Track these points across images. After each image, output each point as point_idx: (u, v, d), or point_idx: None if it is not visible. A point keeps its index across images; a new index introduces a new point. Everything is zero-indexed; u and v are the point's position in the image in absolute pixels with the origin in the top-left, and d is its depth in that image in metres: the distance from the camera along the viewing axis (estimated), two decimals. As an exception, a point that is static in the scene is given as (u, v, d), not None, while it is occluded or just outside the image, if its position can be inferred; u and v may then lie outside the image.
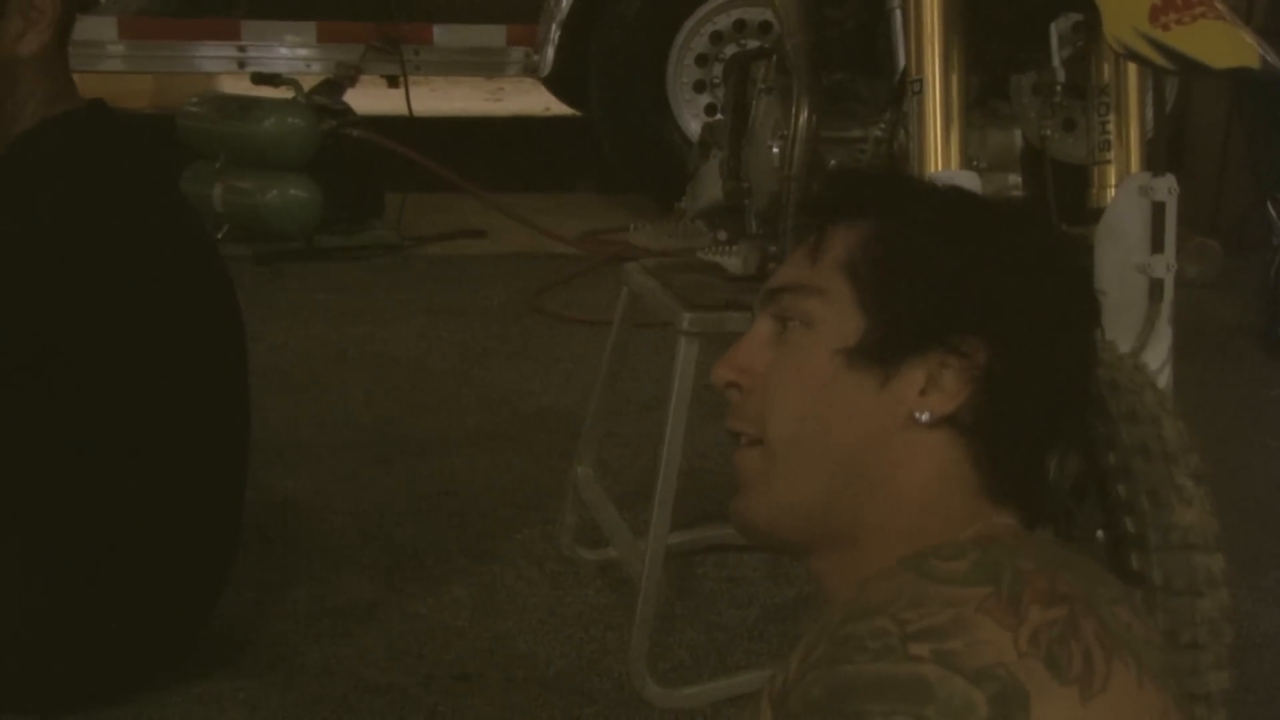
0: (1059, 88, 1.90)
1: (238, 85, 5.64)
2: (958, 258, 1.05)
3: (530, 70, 5.85)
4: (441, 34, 5.75)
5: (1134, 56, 1.58)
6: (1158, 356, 1.73)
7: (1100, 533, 1.64)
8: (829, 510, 1.04)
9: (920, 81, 1.82)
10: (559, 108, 7.11)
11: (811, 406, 1.04)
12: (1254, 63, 1.52)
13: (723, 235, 2.42)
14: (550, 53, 5.70)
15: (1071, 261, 1.11)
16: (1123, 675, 0.90)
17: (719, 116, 4.55)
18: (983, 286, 1.05)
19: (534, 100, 7.81)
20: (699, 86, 5.61)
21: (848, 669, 0.89)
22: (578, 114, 6.58)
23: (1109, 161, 1.81)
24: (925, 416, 1.04)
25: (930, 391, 1.04)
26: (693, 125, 5.53)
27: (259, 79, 5.13)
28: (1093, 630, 0.90)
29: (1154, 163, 1.80)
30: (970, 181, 1.69)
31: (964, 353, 1.04)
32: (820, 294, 1.06)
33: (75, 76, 2.08)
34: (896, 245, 1.05)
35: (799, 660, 0.96)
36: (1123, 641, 0.91)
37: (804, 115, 2.13)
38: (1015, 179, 2.05)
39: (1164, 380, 1.72)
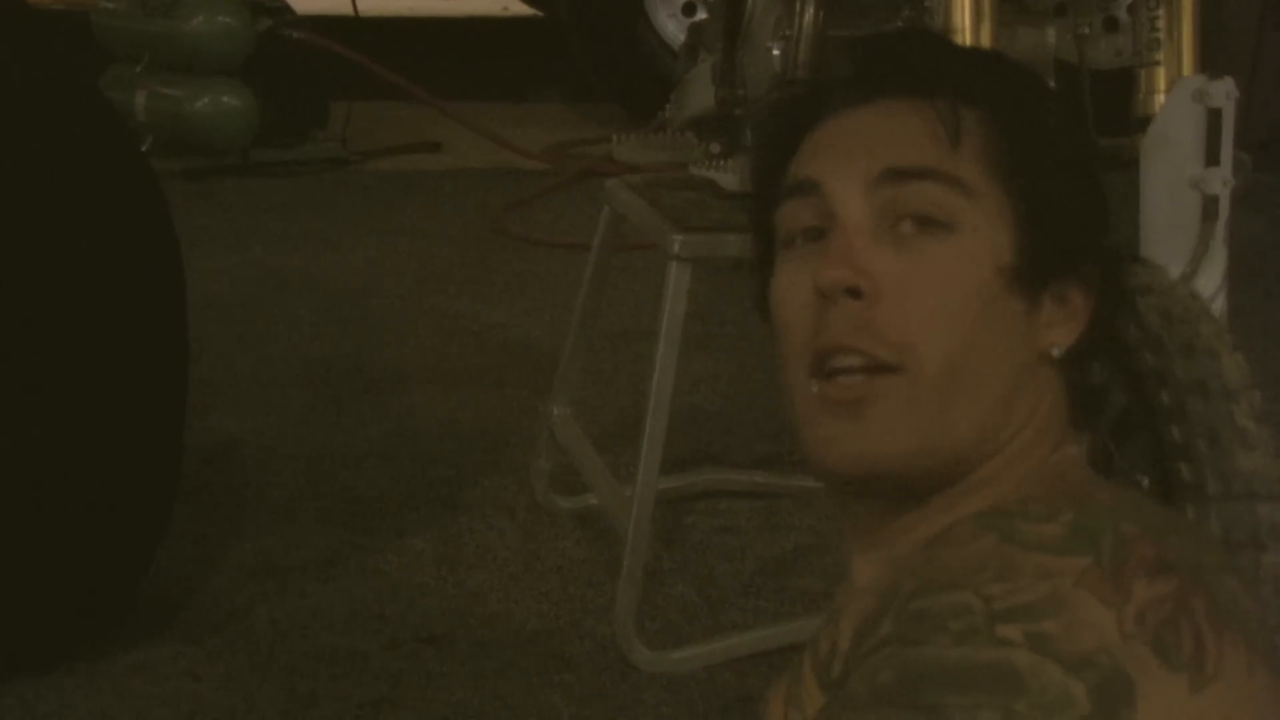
0: (1101, -19, 1.86)
1: (162, -20, 5.52)
2: (1090, 164, 1.01)
3: (487, -36, 5.76)
4: (389, -77, 5.66)
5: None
6: (1211, 282, 1.70)
7: (1145, 480, 1.62)
8: (973, 455, 0.98)
9: (946, -28, 1.77)
10: (519, 7, 7.01)
11: (974, 332, 0.96)
12: None
13: (716, 148, 2.38)
14: (509, -56, 5.62)
15: None
16: (1234, 658, 0.86)
17: (699, 16, 4.48)
18: (1102, 200, 1.01)
19: (491, -1, 7.71)
20: (676, -17, 5.53)
21: (924, 652, 0.84)
22: (540, 14, 6.50)
23: (1158, 63, 1.77)
24: (1058, 352, 1.00)
25: (1055, 323, 1.00)
26: (669, 26, 5.47)
27: (186, -28, 5.02)
28: (1203, 607, 0.86)
29: (1207, 65, 1.76)
30: None
31: (1087, 280, 1.01)
32: (969, 192, 0.97)
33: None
34: (1041, 145, 0.99)
35: (855, 630, 0.91)
36: (1233, 618, 0.88)
37: (809, 12, 2.08)
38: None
39: (1217, 308, 1.70)
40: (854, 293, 0.96)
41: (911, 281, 0.96)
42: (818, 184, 1.00)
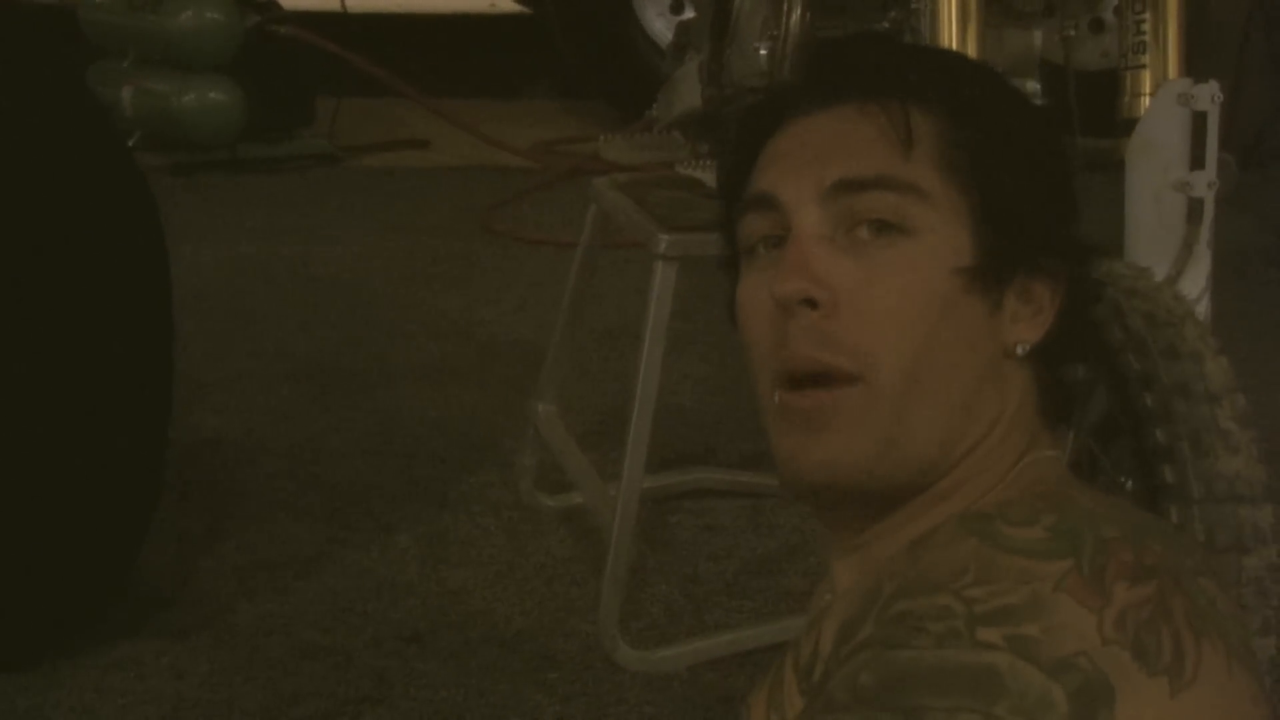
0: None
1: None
2: (1051, 157, 1.00)
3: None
4: (377, -80, 5.65)
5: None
6: (1196, 285, 1.70)
7: (1129, 482, 1.61)
8: (940, 459, 0.97)
9: (933, -27, 1.77)
10: (507, 5, 7.00)
11: (933, 337, 0.95)
12: None
13: (703, 147, 2.38)
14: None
15: None
16: (1212, 660, 0.86)
17: (687, 15, 4.47)
18: (1068, 193, 1.01)
19: (479, -5, 7.70)
20: (664, -19, 5.53)
21: (904, 655, 0.84)
22: (528, 11, 6.49)
23: (1143, 66, 1.77)
24: (1024, 349, 0.99)
25: (1020, 319, 1.00)
26: (656, 24, 5.47)
27: (173, -33, 5.01)
28: (1182, 610, 0.86)
29: (1194, 67, 1.76)
30: None
31: (1052, 274, 1.00)
32: (924, 196, 0.96)
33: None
34: (996, 142, 0.99)
35: (836, 633, 0.91)
36: (1211, 620, 0.88)
37: (796, 12, 2.08)
38: (1034, 86, 2.00)
39: (1202, 310, 1.70)
40: (810, 303, 0.96)
41: (869, 289, 0.96)
42: (772, 197, 1.00)
